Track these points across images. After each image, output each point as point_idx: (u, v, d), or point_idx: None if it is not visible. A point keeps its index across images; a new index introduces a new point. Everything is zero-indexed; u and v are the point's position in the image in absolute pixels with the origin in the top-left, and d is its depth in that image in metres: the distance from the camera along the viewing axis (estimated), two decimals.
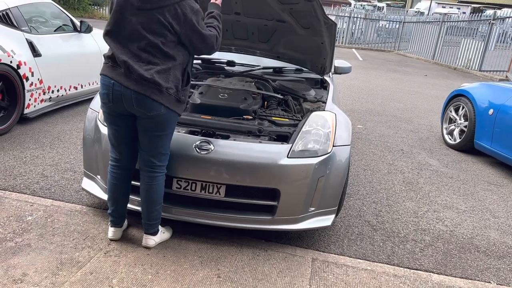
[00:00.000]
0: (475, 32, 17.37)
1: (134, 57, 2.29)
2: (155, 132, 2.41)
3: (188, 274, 2.41)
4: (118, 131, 2.47)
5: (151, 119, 2.35)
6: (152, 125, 2.38)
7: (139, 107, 2.31)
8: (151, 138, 2.43)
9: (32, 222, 2.75)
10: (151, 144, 2.44)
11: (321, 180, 2.72)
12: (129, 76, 2.29)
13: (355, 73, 11.80)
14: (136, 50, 2.30)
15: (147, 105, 2.31)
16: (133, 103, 2.31)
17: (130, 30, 2.29)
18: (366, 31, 22.62)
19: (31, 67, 4.53)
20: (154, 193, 2.51)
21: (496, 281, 2.78)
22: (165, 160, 2.51)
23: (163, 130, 2.42)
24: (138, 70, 2.27)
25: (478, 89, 5.59)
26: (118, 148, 2.52)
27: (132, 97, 2.30)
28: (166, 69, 2.33)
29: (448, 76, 14.14)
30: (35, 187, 3.25)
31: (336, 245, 2.95)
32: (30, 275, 2.24)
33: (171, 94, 2.35)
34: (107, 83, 2.33)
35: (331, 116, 3.01)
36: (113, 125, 2.46)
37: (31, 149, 4.00)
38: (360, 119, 6.74)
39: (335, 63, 4.55)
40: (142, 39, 2.29)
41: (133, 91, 2.29)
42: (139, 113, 2.35)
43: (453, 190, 4.26)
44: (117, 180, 2.55)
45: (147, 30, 2.28)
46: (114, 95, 2.32)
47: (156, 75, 2.29)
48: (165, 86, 2.31)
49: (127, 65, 2.28)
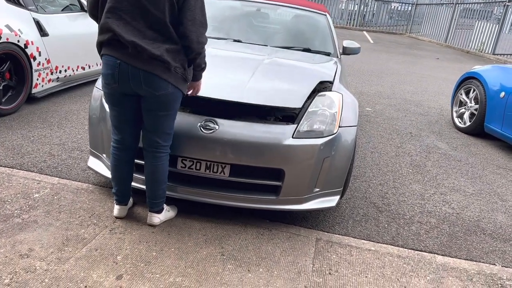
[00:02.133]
0: (489, 14, 17.01)
1: (140, 35, 2.24)
2: (160, 112, 2.39)
3: (192, 251, 2.43)
4: (120, 112, 2.44)
5: (157, 98, 2.33)
6: (157, 105, 2.36)
7: (147, 86, 2.29)
8: (156, 118, 2.41)
9: (39, 199, 2.78)
10: (156, 124, 2.43)
11: (326, 161, 2.70)
12: (137, 56, 2.24)
13: (366, 56, 11.66)
14: (143, 28, 2.25)
15: (156, 84, 2.29)
16: (142, 83, 2.28)
17: (134, 6, 2.23)
18: (378, 14, 22.27)
19: (38, 47, 4.53)
20: (159, 172, 2.52)
21: (501, 263, 2.76)
22: (169, 139, 2.50)
23: (168, 110, 2.40)
24: (148, 49, 2.23)
25: (490, 72, 5.48)
26: (120, 129, 2.49)
27: (141, 76, 2.27)
28: (174, 50, 2.30)
29: (460, 59, 13.91)
30: (42, 166, 3.28)
31: (341, 225, 2.95)
32: (36, 251, 2.27)
33: (178, 73, 2.33)
34: (112, 63, 2.28)
35: (338, 97, 2.97)
36: (116, 106, 2.42)
37: (38, 129, 4.03)
38: (369, 102, 6.68)
39: (343, 44, 4.49)
40: (148, 15, 2.24)
41: (142, 71, 2.26)
42: (146, 93, 2.32)
43: (461, 173, 4.21)
44: (119, 161, 2.55)
45: (152, 4, 2.22)
46: (120, 75, 2.28)
47: (166, 53, 2.27)
48: (173, 65, 2.30)
49: (134, 44, 2.22)
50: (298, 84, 3.02)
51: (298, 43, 4.11)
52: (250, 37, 4.11)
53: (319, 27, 4.43)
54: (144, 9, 2.23)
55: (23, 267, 2.14)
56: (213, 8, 4.53)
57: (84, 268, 2.19)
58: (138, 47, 2.22)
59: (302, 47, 4.03)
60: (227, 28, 4.23)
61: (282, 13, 4.84)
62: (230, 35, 4.09)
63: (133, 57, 2.25)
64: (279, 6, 4.62)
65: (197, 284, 2.18)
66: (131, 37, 2.23)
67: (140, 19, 2.25)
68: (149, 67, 2.26)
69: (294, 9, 4.62)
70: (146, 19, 2.25)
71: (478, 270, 2.63)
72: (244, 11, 4.58)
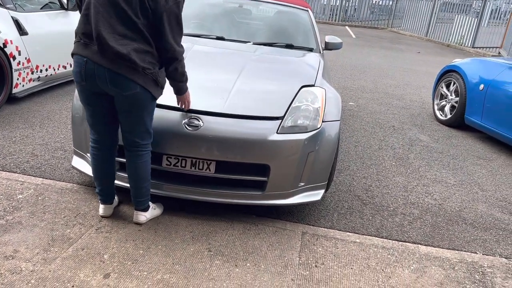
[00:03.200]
0: (468, 8, 17.27)
1: (109, 28, 2.18)
2: (133, 112, 2.34)
3: (179, 248, 2.44)
4: (94, 112, 2.40)
5: (126, 98, 2.27)
6: (128, 105, 2.31)
7: (113, 86, 2.23)
8: (130, 118, 2.36)
9: (23, 200, 2.75)
10: (132, 124, 2.38)
11: (310, 156, 2.74)
12: (103, 54, 2.19)
13: (348, 51, 11.75)
14: (115, 22, 2.19)
15: (122, 84, 2.23)
16: (107, 82, 2.23)
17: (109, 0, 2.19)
18: (360, 8, 22.42)
19: (17, 46, 4.46)
20: (141, 171, 2.50)
21: (482, 251, 2.84)
22: (148, 138, 2.47)
23: (141, 110, 2.34)
24: (114, 46, 2.17)
25: (469, 65, 5.59)
26: (96, 129, 2.46)
27: (106, 75, 2.21)
28: (143, 50, 2.24)
29: (441, 53, 14.12)
30: (25, 166, 3.24)
31: (326, 219, 2.99)
32: (22, 252, 2.26)
33: (147, 74, 2.26)
34: (80, 60, 2.25)
35: (321, 92, 3.01)
36: (89, 105, 2.38)
37: (20, 129, 3.97)
38: (352, 96, 6.74)
39: (326, 39, 4.53)
40: (119, 10, 2.18)
41: (107, 69, 2.20)
42: (114, 93, 2.27)
43: (443, 164, 4.30)
44: (99, 161, 2.52)
45: (125, 1, 2.18)
46: (86, 73, 2.24)
47: (133, 52, 2.20)
48: (141, 65, 2.22)
49: (101, 39, 2.17)
50: (281, 88, 3.00)
51: (281, 39, 4.12)
52: (233, 34, 4.11)
53: (301, 23, 4.46)
54: (117, 5, 2.19)
55: (9, 268, 2.13)
56: (195, 4, 4.51)
57: (70, 268, 2.18)
58: (104, 43, 2.16)
59: (285, 43, 4.05)
60: (210, 25, 4.22)
61: (265, 9, 4.86)
62: (212, 32, 4.08)
63: (99, 54, 2.20)
64: (261, 2, 4.63)
65: (185, 280, 2.19)
66: (100, 28, 2.17)
67: (113, 14, 2.20)
68: (114, 66, 2.20)
69: (276, 5, 4.63)
70: (118, 15, 2.20)
71: (460, 258, 2.70)
72: (226, 7, 4.57)
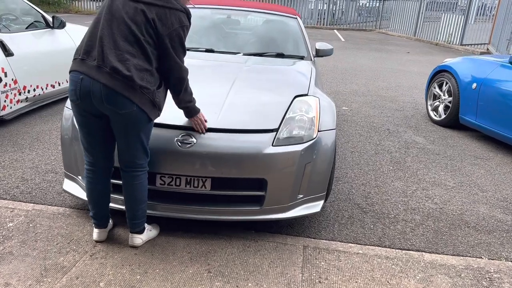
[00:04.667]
0: (454, 6, 17.40)
1: (112, 44, 2.16)
2: (130, 132, 2.28)
3: (178, 271, 2.36)
4: (89, 133, 2.33)
5: (122, 117, 2.21)
6: (125, 124, 2.25)
7: (109, 103, 2.16)
8: (126, 138, 2.30)
9: (13, 228, 2.66)
10: (128, 144, 2.32)
11: (308, 167, 2.67)
12: (100, 69, 2.14)
13: (338, 55, 11.75)
14: (117, 37, 2.17)
15: (118, 102, 2.16)
16: (103, 99, 2.16)
17: (115, 16, 2.19)
18: (347, 11, 22.52)
19: (3, 67, 4.38)
20: (138, 192, 2.43)
21: (487, 256, 2.78)
22: (145, 158, 2.41)
23: (138, 129, 2.28)
24: (112, 61, 2.13)
25: (461, 64, 5.58)
26: (91, 151, 2.39)
27: (102, 92, 2.15)
28: (144, 69, 2.21)
29: (430, 52, 14.17)
30: (15, 192, 3.15)
31: (327, 230, 2.92)
32: (13, 284, 2.16)
33: (145, 93, 2.21)
34: (76, 78, 2.20)
35: (315, 101, 2.95)
36: (84, 127, 2.32)
37: (9, 152, 3.88)
38: (345, 101, 6.71)
39: (316, 46, 4.48)
40: (123, 25, 2.18)
41: (102, 85, 2.13)
42: (109, 111, 2.20)
43: (441, 166, 4.25)
44: (94, 184, 2.45)
45: (130, 19, 2.19)
46: (81, 90, 2.17)
47: (132, 69, 2.16)
48: (138, 83, 2.17)
49: (101, 53, 2.14)
50: (274, 99, 2.94)
51: (271, 48, 4.08)
52: (222, 46, 4.06)
53: (290, 31, 4.42)
54: (121, 19, 2.19)
55: None
56: None
57: None
58: (103, 57, 2.13)
59: (275, 52, 4.01)
60: (198, 38, 4.16)
61: (253, 19, 4.82)
62: (201, 44, 4.03)
63: (96, 69, 2.15)
64: (249, 12, 4.59)
65: None
66: (103, 40, 2.16)
67: (118, 30, 2.19)
68: (110, 82, 2.14)
69: (264, 14, 4.59)
70: (123, 32, 2.19)
71: (465, 265, 2.64)
72: (214, 19, 4.52)
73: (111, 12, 2.22)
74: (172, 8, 2.25)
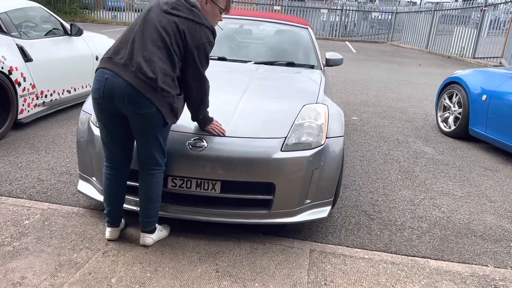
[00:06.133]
0: (467, 19, 17.39)
1: (142, 45, 2.30)
2: (149, 131, 2.38)
3: (187, 270, 2.42)
4: (110, 133, 2.44)
5: (142, 117, 2.31)
6: (144, 124, 2.35)
7: (130, 103, 2.26)
8: (146, 137, 2.40)
9: (29, 226, 2.76)
10: (147, 143, 2.42)
11: (315, 172, 2.73)
12: (126, 67, 2.26)
13: (349, 66, 11.82)
14: (147, 41, 2.31)
15: (138, 101, 2.26)
16: (124, 98, 2.26)
17: (148, 24, 2.35)
18: (359, 23, 22.64)
19: (23, 72, 4.53)
20: (153, 191, 2.51)
21: (493, 264, 2.80)
22: (163, 157, 2.49)
23: (156, 130, 2.38)
24: (139, 61, 2.26)
25: (471, 76, 5.60)
26: (111, 150, 2.50)
27: (124, 90, 2.24)
28: (167, 73, 2.33)
29: (442, 64, 14.16)
30: (31, 191, 3.25)
31: (334, 235, 2.97)
32: (29, 278, 2.25)
33: (165, 97, 2.31)
34: (101, 77, 2.31)
35: (323, 108, 3.02)
36: (105, 125, 2.43)
37: (26, 154, 4.00)
38: (355, 111, 6.76)
39: (326, 56, 4.56)
40: (154, 32, 2.33)
41: (126, 84, 2.24)
42: (130, 111, 2.30)
43: (449, 177, 4.27)
44: (112, 181, 2.54)
45: (162, 28, 2.34)
46: (105, 89, 2.28)
47: (158, 72, 2.28)
48: (160, 86, 2.28)
49: (130, 51, 2.29)
50: (284, 107, 3.01)
51: (282, 57, 4.17)
52: (234, 54, 4.16)
53: (301, 41, 4.50)
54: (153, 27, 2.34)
55: None
56: None
57: None
58: (131, 55, 2.28)
59: (286, 61, 4.09)
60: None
61: (265, 29, 4.92)
62: (214, 52, 4.11)
63: (123, 67, 2.27)
64: (261, 22, 4.69)
65: None
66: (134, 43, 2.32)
67: (149, 36, 2.33)
68: (133, 80, 2.24)
69: (276, 24, 4.69)
70: (154, 38, 2.33)
71: (471, 272, 2.66)
72: (227, 28, 4.63)
73: (145, 21, 2.38)
74: (202, 25, 2.42)
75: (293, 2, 22.50)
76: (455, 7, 18.43)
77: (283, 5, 22.51)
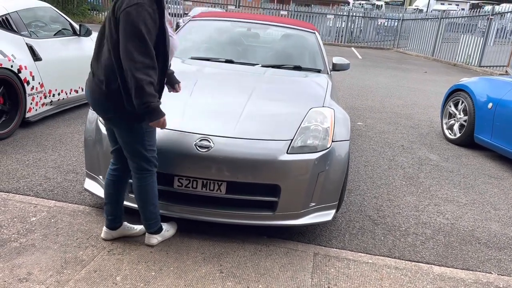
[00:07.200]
0: (474, 28, 17.36)
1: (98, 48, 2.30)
2: (121, 138, 2.38)
3: (191, 270, 2.44)
4: (108, 136, 2.55)
5: (111, 122, 2.36)
6: (116, 129, 2.37)
7: (94, 109, 2.39)
8: (124, 142, 2.39)
9: (36, 222, 2.78)
10: (127, 148, 2.39)
11: (321, 176, 2.74)
12: (90, 76, 2.34)
13: (355, 72, 11.82)
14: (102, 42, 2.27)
15: (97, 106, 2.34)
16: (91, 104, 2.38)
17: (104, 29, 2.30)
18: (365, 30, 22.66)
19: (31, 71, 4.57)
20: (144, 193, 2.49)
21: (497, 271, 2.79)
22: (148, 160, 2.42)
23: (126, 136, 2.34)
24: (92, 66, 2.31)
25: (477, 84, 5.60)
26: (112, 151, 2.56)
27: (88, 96, 2.36)
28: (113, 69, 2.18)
29: (447, 72, 14.15)
30: (38, 189, 3.28)
31: (338, 239, 2.97)
32: (35, 274, 2.27)
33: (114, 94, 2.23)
34: None
35: (330, 112, 3.03)
36: (106, 129, 2.55)
37: (33, 152, 4.03)
38: (360, 116, 6.76)
39: (333, 60, 4.58)
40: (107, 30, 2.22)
41: (87, 89, 2.36)
42: (100, 116, 2.43)
43: (454, 184, 4.27)
44: (112, 179, 2.57)
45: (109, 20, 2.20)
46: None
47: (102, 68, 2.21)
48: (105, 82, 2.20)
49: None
50: (291, 110, 3.03)
51: (289, 61, 4.19)
52: (242, 57, 4.18)
53: (308, 45, 4.53)
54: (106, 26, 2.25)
55: None
56: (204, 29, 4.61)
57: None
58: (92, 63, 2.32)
59: (293, 65, 4.11)
60: (219, 49, 4.30)
61: (272, 33, 4.94)
62: (221, 55, 4.16)
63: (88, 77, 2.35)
64: (269, 25, 4.72)
65: None
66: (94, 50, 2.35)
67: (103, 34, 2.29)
68: (90, 86, 2.32)
69: (283, 28, 4.72)
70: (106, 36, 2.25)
71: (474, 279, 2.66)
72: (235, 31, 4.66)
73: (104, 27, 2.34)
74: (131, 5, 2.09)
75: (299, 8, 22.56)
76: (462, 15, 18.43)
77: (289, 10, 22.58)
